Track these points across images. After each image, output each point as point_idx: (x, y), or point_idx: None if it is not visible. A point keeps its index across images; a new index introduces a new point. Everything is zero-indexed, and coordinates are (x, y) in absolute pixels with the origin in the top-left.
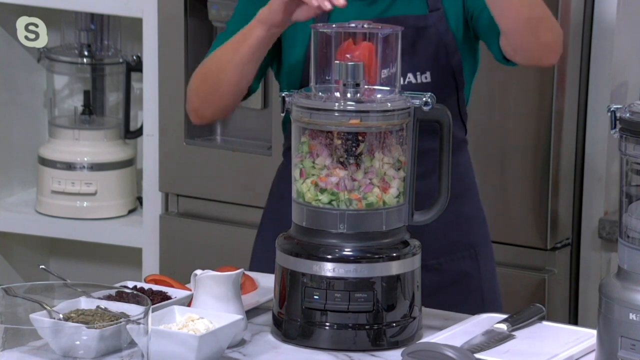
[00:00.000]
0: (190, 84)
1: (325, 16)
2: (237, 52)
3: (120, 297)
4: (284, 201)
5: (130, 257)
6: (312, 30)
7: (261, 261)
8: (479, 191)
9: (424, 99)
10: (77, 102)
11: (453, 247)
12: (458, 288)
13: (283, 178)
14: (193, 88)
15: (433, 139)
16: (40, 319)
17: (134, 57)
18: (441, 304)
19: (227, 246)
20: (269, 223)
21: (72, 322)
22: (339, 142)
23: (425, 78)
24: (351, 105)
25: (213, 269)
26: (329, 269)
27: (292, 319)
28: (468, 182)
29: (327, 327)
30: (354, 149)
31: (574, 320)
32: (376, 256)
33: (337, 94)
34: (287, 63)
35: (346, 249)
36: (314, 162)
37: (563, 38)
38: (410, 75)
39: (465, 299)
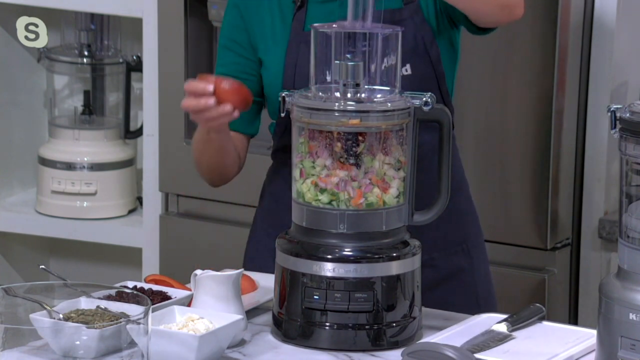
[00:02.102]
0: (193, 158)
1: (301, 23)
2: (207, 152)
3: (120, 297)
4: (274, 202)
5: (130, 257)
6: (312, 31)
7: (254, 261)
8: (477, 189)
9: (424, 99)
10: (77, 102)
11: (446, 242)
12: (452, 283)
13: (273, 179)
14: (195, 167)
15: (424, 133)
16: (40, 319)
17: (134, 57)
18: (435, 300)
19: (227, 246)
20: (261, 223)
21: (72, 322)
22: (339, 142)
23: (406, 70)
24: (351, 105)
25: (213, 269)
26: (329, 269)
27: (292, 319)
28: (458, 177)
29: (327, 327)
30: (354, 149)
31: (574, 320)
32: (376, 256)
33: (337, 94)
34: (265, 71)
35: (346, 249)
36: (313, 162)
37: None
38: None
39: (460, 295)
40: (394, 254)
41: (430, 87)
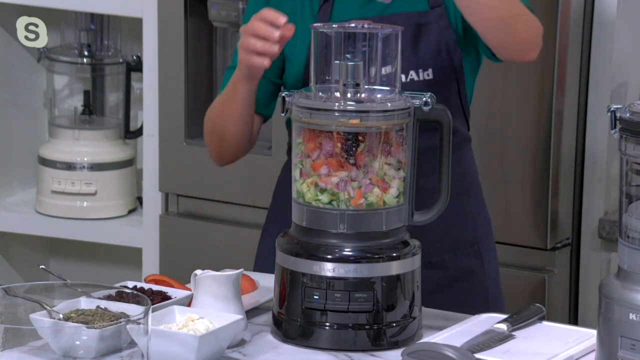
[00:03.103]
0: (204, 130)
1: (327, 15)
2: (230, 108)
3: (120, 297)
4: (287, 199)
5: (130, 257)
6: (312, 30)
7: (266, 260)
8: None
9: (424, 99)
10: (77, 102)
11: (457, 244)
12: (462, 285)
13: (287, 176)
14: (206, 138)
15: (433, 137)
16: (40, 319)
17: (134, 57)
18: (446, 301)
19: (227, 246)
20: (274, 221)
21: (72, 322)
22: (339, 142)
23: (428, 75)
24: (351, 105)
25: (213, 269)
26: (329, 269)
27: (292, 319)
28: (471, 179)
29: (327, 327)
30: (354, 149)
31: (574, 320)
32: (376, 256)
33: (337, 94)
34: (290, 65)
35: (346, 249)
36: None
37: (542, 33)
38: (412, 73)
39: (470, 296)
40: (394, 254)
41: (451, 92)
